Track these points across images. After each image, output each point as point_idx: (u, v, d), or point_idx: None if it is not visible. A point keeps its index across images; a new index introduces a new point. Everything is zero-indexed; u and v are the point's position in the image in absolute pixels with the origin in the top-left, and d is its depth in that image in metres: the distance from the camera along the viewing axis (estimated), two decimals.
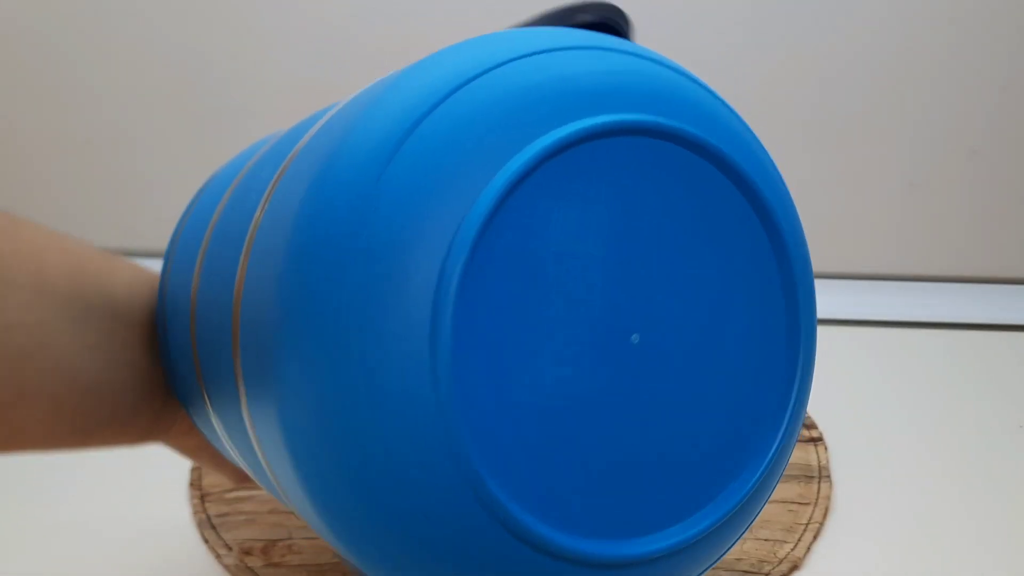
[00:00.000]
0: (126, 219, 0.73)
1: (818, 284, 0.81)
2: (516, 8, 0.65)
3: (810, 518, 0.45)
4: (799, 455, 0.50)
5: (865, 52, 0.66)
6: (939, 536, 0.45)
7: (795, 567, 0.42)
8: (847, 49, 0.66)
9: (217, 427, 0.27)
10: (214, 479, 0.47)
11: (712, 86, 0.64)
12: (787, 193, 0.26)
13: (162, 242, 0.40)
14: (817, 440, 0.51)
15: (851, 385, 0.59)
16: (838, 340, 0.65)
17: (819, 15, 0.65)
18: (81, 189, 0.73)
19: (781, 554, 0.42)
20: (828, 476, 0.48)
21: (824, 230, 0.72)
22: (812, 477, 0.48)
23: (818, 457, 0.50)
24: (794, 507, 0.46)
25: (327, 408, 0.20)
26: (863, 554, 0.43)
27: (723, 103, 0.25)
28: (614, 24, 0.35)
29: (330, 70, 0.67)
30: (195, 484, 0.47)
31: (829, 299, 0.71)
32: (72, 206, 0.73)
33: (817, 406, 0.55)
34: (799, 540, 0.43)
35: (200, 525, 0.44)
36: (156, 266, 0.74)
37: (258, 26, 0.66)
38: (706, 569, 0.24)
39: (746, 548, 0.43)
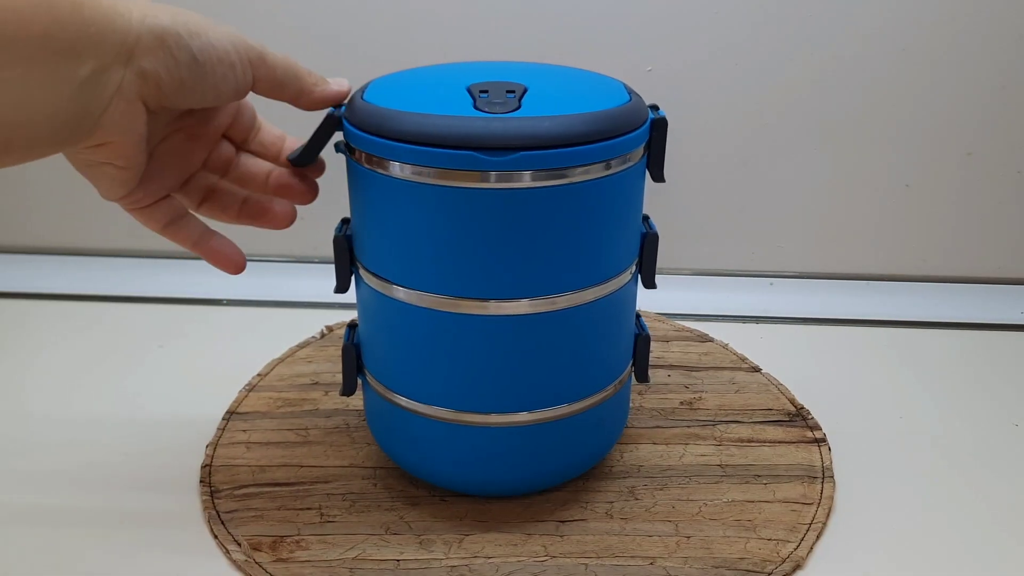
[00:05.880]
0: (126, 219, 0.73)
1: (816, 284, 0.82)
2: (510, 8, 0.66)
3: (813, 518, 0.45)
4: (802, 456, 0.50)
5: (861, 55, 0.66)
6: (941, 535, 0.45)
7: (798, 567, 0.42)
8: (843, 52, 0.66)
9: None
10: (224, 476, 0.47)
11: (710, 88, 0.67)
12: None
13: (162, 242, 0.41)
14: (820, 441, 0.52)
15: (853, 385, 0.59)
16: (838, 340, 0.65)
17: (815, 18, 0.65)
18: (80, 188, 0.73)
19: (784, 553, 0.43)
20: (831, 476, 0.49)
21: (821, 231, 0.73)
22: (815, 477, 0.48)
23: (821, 458, 0.50)
24: (797, 507, 0.46)
25: None
26: (866, 554, 0.44)
27: None
28: None
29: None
30: (205, 481, 0.47)
31: (826, 299, 0.71)
32: (73, 206, 0.73)
33: (820, 406, 0.55)
34: (802, 540, 0.44)
35: (210, 521, 0.44)
36: (158, 269, 0.73)
37: (257, 23, 0.67)
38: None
39: (749, 547, 0.43)
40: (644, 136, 0.40)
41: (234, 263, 0.42)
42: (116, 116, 0.34)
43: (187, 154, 0.41)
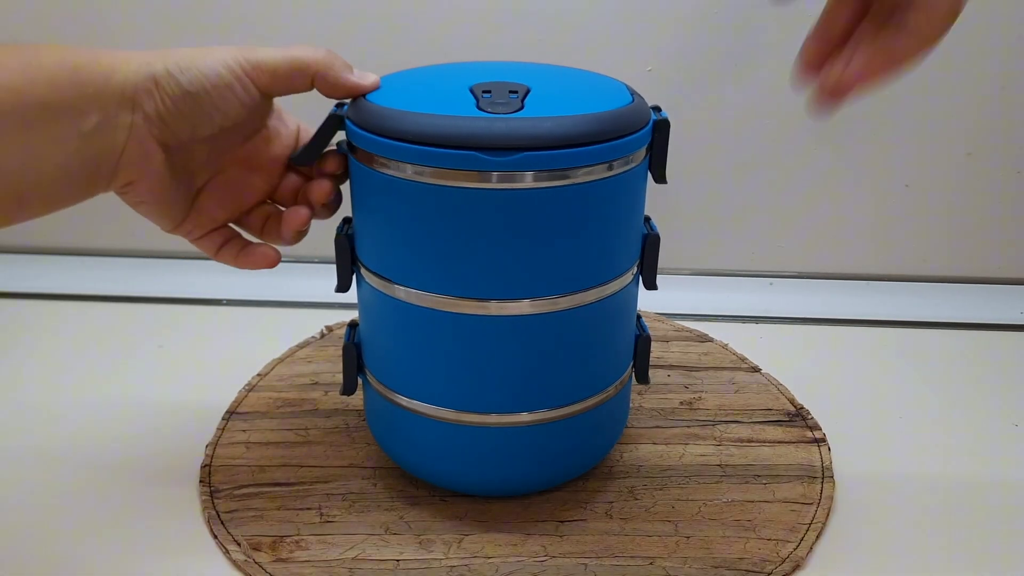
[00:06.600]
0: (126, 219, 0.73)
1: (816, 284, 0.82)
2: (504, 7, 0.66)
3: (813, 518, 0.45)
4: (802, 456, 0.50)
5: None
6: (940, 535, 0.45)
7: (798, 567, 0.42)
8: None
9: None
10: (224, 476, 0.47)
11: (711, 88, 0.67)
12: None
13: (162, 242, 0.41)
14: (820, 441, 0.52)
15: (853, 385, 0.59)
16: (838, 340, 0.65)
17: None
18: None
19: (784, 553, 0.43)
20: (831, 476, 0.49)
21: (821, 231, 0.73)
22: (815, 477, 0.48)
23: (821, 457, 0.50)
24: (797, 507, 0.46)
25: None
26: (865, 554, 0.44)
27: None
28: None
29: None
30: (205, 480, 0.47)
31: (827, 299, 0.71)
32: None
33: (820, 406, 0.55)
34: (802, 540, 0.44)
35: (209, 521, 0.44)
36: (158, 269, 0.73)
37: (256, 25, 0.67)
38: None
39: (749, 547, 0.43)
40: (647, 137, 0.40)
41: (269, 259, 0.44)
42: (133, 157, 0.37)
43: (246, 186, 0.43)
